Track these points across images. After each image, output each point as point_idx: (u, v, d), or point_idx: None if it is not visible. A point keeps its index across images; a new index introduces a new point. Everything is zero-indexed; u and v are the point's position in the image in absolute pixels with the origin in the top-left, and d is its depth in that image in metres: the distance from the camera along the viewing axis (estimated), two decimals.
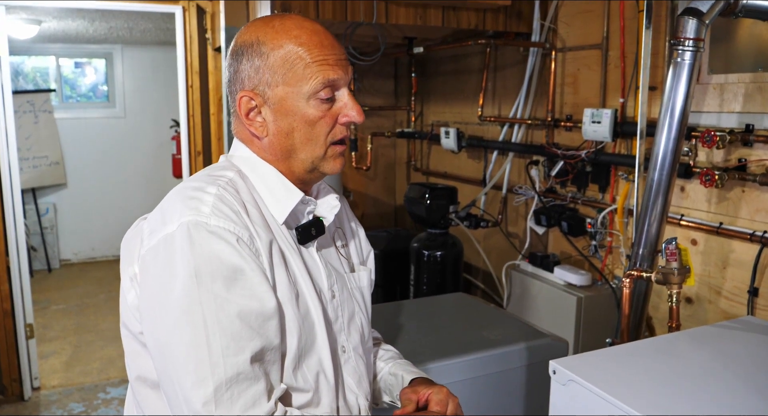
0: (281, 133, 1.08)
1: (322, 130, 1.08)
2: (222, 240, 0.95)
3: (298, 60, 1.04)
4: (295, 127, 1.07)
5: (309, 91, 1.05)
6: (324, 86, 1.05)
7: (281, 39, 1.05)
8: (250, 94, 1.07)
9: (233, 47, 1.10)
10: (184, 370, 0.91)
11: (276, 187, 1.10)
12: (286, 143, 1.08)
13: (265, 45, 1.05)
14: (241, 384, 0.91)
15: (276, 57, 1.05)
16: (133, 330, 1.04)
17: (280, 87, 1.05)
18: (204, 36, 3.74)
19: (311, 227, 1.12)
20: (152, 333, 0.97)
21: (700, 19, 1.89)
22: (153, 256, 0.97)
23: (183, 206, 0.98)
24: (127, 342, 1.07)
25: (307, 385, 1.05)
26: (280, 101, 1.06)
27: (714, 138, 2.02)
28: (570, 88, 2.80)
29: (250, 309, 0.95)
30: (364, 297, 1.26)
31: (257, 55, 1.06)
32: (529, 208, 3.05)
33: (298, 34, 1.05)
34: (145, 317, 0.98)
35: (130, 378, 1.08)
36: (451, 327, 1.83)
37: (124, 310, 1.05)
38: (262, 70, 1.05)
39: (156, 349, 0.96)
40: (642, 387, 1.32)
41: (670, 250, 1.70)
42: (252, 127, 1.09)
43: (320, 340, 1.07)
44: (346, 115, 1.09)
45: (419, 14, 2.61)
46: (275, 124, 1.08)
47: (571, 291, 2.57)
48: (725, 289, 2.20)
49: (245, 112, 1.08)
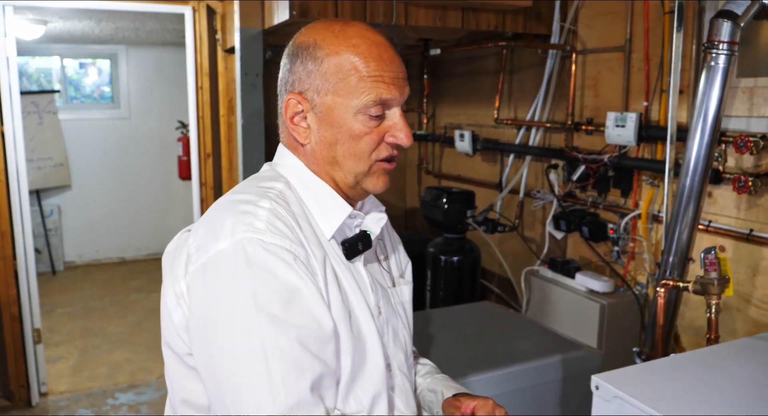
0: (324, 143, 1.03)
1: (366, 147, 1.03)
2: (279, 258, 0.90)
3: (353, 71, 0.99)
4: (339, 138, 1.02)
5: (358, 105, 1.00)
6: (375, 104, 1.00)
7: (339, 45, 1.00)
8: (298, 97, 1.02)
9: (290, 47, 1.05)
10: (243, 398, 0.86)
11: (324, 200, 1.05)
12: (328, 153, 1.04)
13: (321, 49, 1.00)
14: (301, 411, 0.86)
15: (330, 63, 1.00)
16: (179, 351, 0.99)
17: (330, 96, 1.00)
18: (214, 37, 3.68)
19: (358, 242, 1.07)
20: (205, 358, 0.91)
21: (734, 22, 1.85)
22: (203, 275, 0.92)
23: (236, 221, 0.92)
24: (170, 363, 1.02)
25: (361, 408, 1.00)
26: (327, 110, 1.01)
27: (748, 143, 1.97)
28: (590, 91, 2.76)
29: (309, 332, 0.90)
30: (406, 312, 1.22)
31: (311, 58, 1.01)
32: (546, 212, 3.01)
33: (357, 43, 1.00)
34: (196, 339, 0.93)
35: (172, 399, 1.03)
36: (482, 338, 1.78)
37: (168, 330, 1.00)
38: (314, 74, 1.01)
39: (209, 375, 0.91)
40: (691, 404, 1.28)
41: (709, 260, 1.66)
42: (295, 132, 1.04)
43: (372, 361, 1.02)
44: (393, 136, 1.04)
45: (439, 16, 2.56)
46: (319, 132, 1.03)
47: (593, 298, 2.52)
48: (755, 297, 2.16)
49: (291, 115, 1.04)
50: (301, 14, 2.36)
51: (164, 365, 1.05)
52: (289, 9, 2.34)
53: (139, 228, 6.50)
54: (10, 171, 3.38)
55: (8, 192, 3.40)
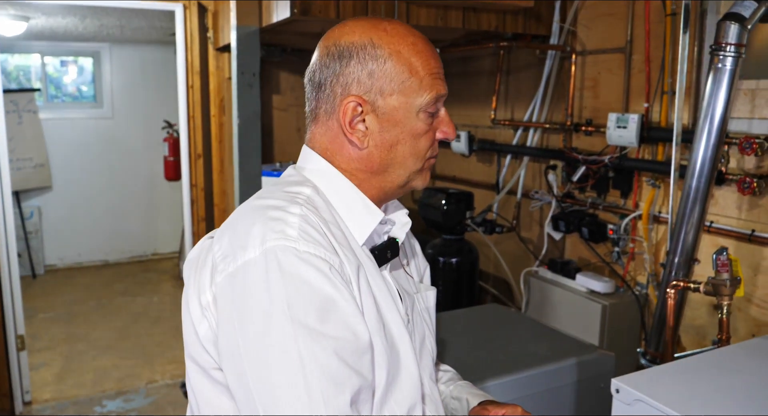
0: (384, 145, 1.00)
1: (424, 145, 1.02)
2: (313, 267, 0.86)
3: (416, 70, 0.98)
4: (401, 139, 1.00)
5: (422, 103, 0.99)
6: (436, 100, 1.00)
7: (398, 44, 0.98)
8: (359, 99, 0.98)
9: (334, 47, 1.00)
10: (280, 413, 0.82)
11: (355, 206, 1.01)
12: (387, 156, 1.01)
13: (382, 48, 0.98)
14: None
15: (393, 63, 0.98)
16: (205, 365, 0.94)
17: (395, 96, 0.98)
18: (205, 35, 3.63)
19: (387, 249, 1.05)
20: (237, 373, 0.87)
21: (742, 24, 1.86)
22: (231, 285, 0.87)
23: (265, 228, 0.88)
24: (195, 377, 0.96)
25: None
26: (391, 111, 0.99)
27: (753, 145, 1.98)
28: (590, 92, 2.76)
29: (347, 343, 0.86)
30: (431, 318, 1.19)
31: (372, 58, 0.97)
32: (544, 213, 3.00)
33: (414, 42, 0.99)
34: (226, 354, 0.88)
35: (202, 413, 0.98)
36: (495, 341, 1.76)
37: (193, 343, 0.95)
38: (377, 75, 0.97)
39: (243, 391, 0.86)
40: (714, 405, 1.27)
41: (721, 261, 1.66)
42: (353, 136, 1.00)
43: (407, 372, 0.98)
44: (443, 132, 1.04)
45: (440, 15, 2.55)
46: (380, 134, 1.00)
47: (594, 299, 2.52)
48: (756, 297, 2.17)
49: (350, 118, 0.99)
50: (303, 12, 2.32)
51: (187, 377, 1.00)
52: (291, 7, 2.30)
53: (123, 230, 6.39)
54: None
55: None
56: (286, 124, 3.93)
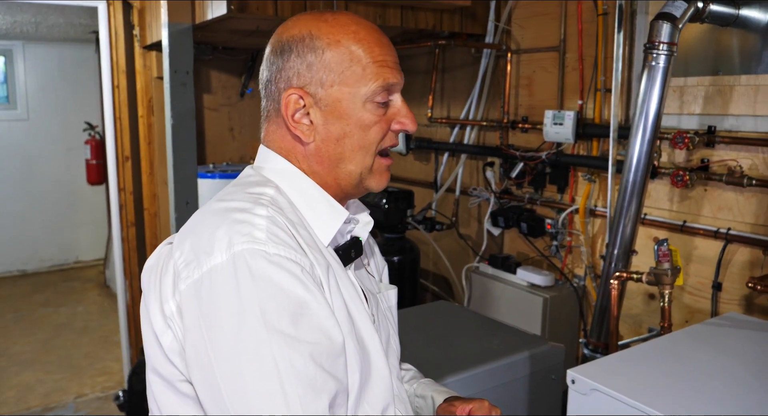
0: (331, 139, 0.97)
1: (375, 137, 0.98)
2: (284, 270, 0.83)
3: (359, 58, 0.94)
4: (348, 132, 0.96)
5: (367, 93, 0.95)
6: (383, 89, 0.96)
7: (338, 34, 0.94)
8: (300, 92, 0.95)
9: (277, 43, 0.98)
10: None
11: (319, 205, 0.98)
12: (334, 150, 0.97)
13: (320, 39, 0.94)
14: None
15: (333, 53, 0.94)
16: (170, 378, 0.89)
17: (336, 86, 0.95)
18: (131, 33, 3.48)
19: (351, 248, 1.02)
20: (208, 384, 0.82)
21: (673, 23, 1.93)
22: (197, 293, 0.83)
23: (231, 232, 0.84)
24: (159, 390, 0.91)
25: None
26: (334, 103, 0.95)
27: (685, 139, 2.07)
28: (525, 90, 2.82)
29: (322, 348, 0.83)
30: (394, 317, 1.18)
31: (310, 50, 0.95)
32: (482, 209, 3.05)
33: (356, 30, 0.95)
34: (195, 365, 0.84)
35: None
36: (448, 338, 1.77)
37: (156, 355, 0.90)
38: (316, 66, 0.94)
39: (215, 403, 0.82)
40: (664, 390, 1.32)
41: (662, 251, 1.72)
42: (297, 130, 0.97)
43: (378, 372, 0.97)
44: (400, 122, 0.99)
45: (379, 14, 2.54)
46: (325, 127, 0.96)
47: (535, 292, 2.58)
48: (689, 285, 2.27)
49: (292, 112, 0.96)
50: (240, 9, 2.26)
51: (149, 392, 0.95)
52: (227, 3, 2.23)
53: (43, 237, 6.07)
54: None
55: None
56: (218, 125, 3.82)
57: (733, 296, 2.15)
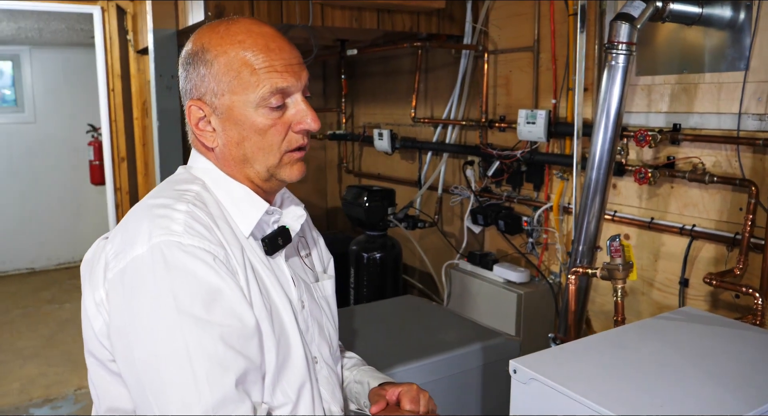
0: (231, 143, 1.04)
1: (274, 139, 1.03)
2: (198, 259, 0.91)
3: (244, 66, 0.99)
4: (245, 136, 1.02)
5: (256, 99, 1.00)
6: (272, 94, 1.00)
7: (225, 45, 1.00)
8: (198, 103, 1.03)
9: (183, 56, 1.05)
10: (169, 399, 0.86)
11: (240, 199, 1.05)
12: (237, 153, 1.04)
13: (209, 52, 1.00)
14: (228, 407, 0.87)
15: (220, 64, 1.00)
16: (101, 358, 0.98)
17: (227, 95, 1.01)
18: (125, 37, 3.58)
19: (278, 237, 1.09)
20: (128, 362, 0.91)
21: (632, 24, 1.97)
22: (121, 280, 0.91)
23: (152, 225, 0.92)
24: (93, 370, 1.00)
25: (287, 400, 1.02)
26: (227, 110, 1.02)
27: (647, 137, 2.11)
28: (503, 90, 2.86)
29: (232, 330, 0.91)
30: (330, 307, 1.24)
31: (202, 62, 1.01)
32: (464, 207, 3.10)
33: (242, 39, 1.00)
34: (118, 345, 0.92)
35: (98, 409, 1.01)
36: (405, 330, 1.83)
37: (90, 338, 0.98)
38: (208, 78, 1.01)
39: (134, 377, 0.90)
40: (602, 382, 1.36)
41: (614, 247, 1.77)
42: (202, 138, 1.05)
43: (296, 353, 1.04)
44: (300, 123, 1.04)
45: (354, 17, 2.60)
46: (225, 133, 1.03)
47: (511, 289, 2.63)
48: (657, 281, 2.31)
49: (195, 121, 1.04)
50: (217, 15, 2.33)
51: (88, 373, 1.03)
52: (204, 9, 2.31)
53: (50, 237, 6.20)
54: None
55: None
56: None
57: (699, 292, 2.18)
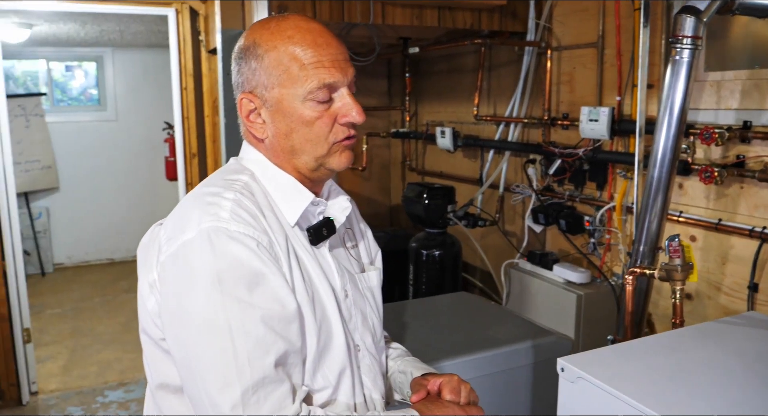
0: (280, 134, 1.08)
1: (321, 131, 1.07)
2: (243, 245, 0.95)
3: (293, 61, 1.03)
4: (293, 127, 1.07)
5: (304, 93, 1.04)
6: (319, 89, 1.04)
7: (275, 40, 1.04)
8: (249, 96, 1.07)
9: (235, 51, 1.10)
10: (211, 376, 0.91)
11: (287, 189, 1.10)
12: (286, 144, 1.08)
13: (261, 47, 1.05)
14: (267, 387, 0.91)
15: (270, 58, 1.04)
16: (154, 336, 1.04)
17: (276, 89, 1.05)
18: (197, 38, 3.73)
19: (322, 228, 1.12)
20: (176, 340, 0.97)
21: (697, 17, 1.91)
22: (173, 263, 0.97)
23: (202, 212, 0.98)
24: (147, 348, 1.07)
25: (327, 383, 1.05)
26: (276, 103, 1.06)
27: (713, 135, 2.03)
28: (566, 87, 2.82)
29: (273, 313, 0.95)
30: (374, 297, 1.27)
31: (254, 57, 1.06)
32: (526, 206, 3.07)
33: (291, 35, 1.04)
34: (167, 324, 0.98)
35: (151, 386, 1.08)
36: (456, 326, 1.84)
37: (144, 317, 1.05)
38: (259, 72, 1.05)
39: (180, 355, 0.96)
40: (650, 384, 1.33)
41: (673, 247, 1.72)
42: (253, 129, 1.10)
43: (338, 339, 1.07)
44: (345, 116, 1.07)
45: (415, 15, 2.62)
46: (274, 125, 1.08)
47: (570, 289, 2.58)
48: (725, 285, 2.22)
49: (245, 113, 1.09)
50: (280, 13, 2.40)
51: (143, 351, 1.09)
52: (268, 9, 2.38)
53: (128, 229, 6.51)
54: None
55: None
56: None
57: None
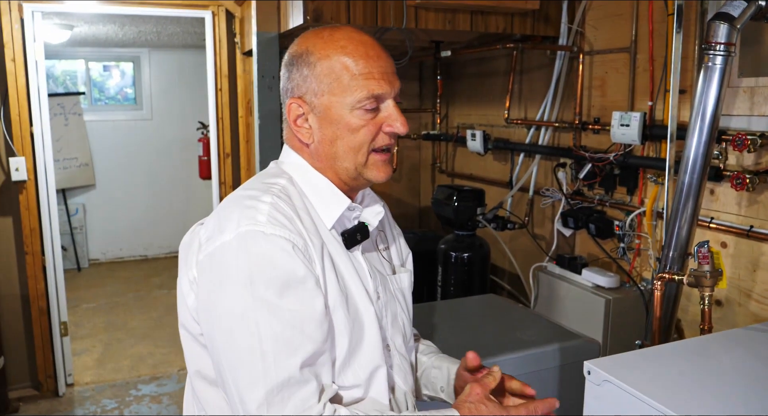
0: (326, 141, 1.12)
1: (364, 138, 1.11)
2: (278, 247, 0.99)
3: (344, 71, 1.08)
4: (339, 135, 1.11)
5: (352, 102, 1.08)
6: (368, 99, 1.09)
7: (328, 49, 1.09)
8: (298, 101, 1.12)
9: (286, 57, 1.15)
10: (239, 373, 0.96)
11: (324, 194, 1.14)
12: (330, 150, 1.12)
13: (313, 55, 1.10)
14: (292, 387, 0.95)
15: (322, 67, 1.09)
16: (193, 331, 1.09)
17: (326, 96, 1.09)
18: (233, 40, 3.80)
19: (357, 232, 1.16)
20: (211, 337, 1.02)
21: (731, 24, 1.91)
22: (209, 262, 1.01)
23: (240, 215, 1.02)
24: (186, 342, 1.12)
25: (357, 381, 1.09)
26: (325, 110, 1.10)
27: (745, 141, 2.03)
28: (598, 91, 2.82)
29: (302, 315, 0.99)
30: (405, 298, 1.30)
31: (305, 64, 1.10)
32: (555, 210, 3.07)
33: (344, 45, 1.09)
34: (203, 320, 1.03)
35: (190, 372, 1.13)
36: (484, 327, 1.86)
37: (183, 312, 1.10)
38: (310, 79, 1.10)
39: (214, 351, 1.01)
40: (676, 388, 1.34)
41: (702, 253, 1.72)
42: (299, 134, 1.14)
43: (370, 340, 1.11)
44: (390, 126, 1.12)
45: (448, 19, 2.65)
46: (320, 131, 1.12)
47: (599, 293, 2.58)
48: (755, 292, 2.21)
49: (293, 118, 1.13)
50: (315, 19, 2.45)
51: (182, 343, 1.15)
52: (303, 14, 2.44)
53: (161, 226, 6.66)
54: (38, 170, 3.53)
55: (37, 190, 3.55)
56: None
57: None
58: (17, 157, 3.47)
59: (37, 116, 3.49)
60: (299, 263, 1.00)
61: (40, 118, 3.50)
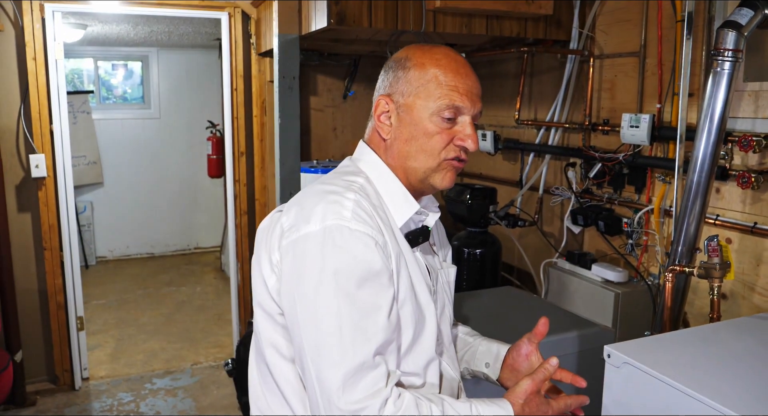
0: (402, 139, 1.22)
1: (437, 145, 1.20)
2: (361, 242, 1.08)
3: (433, 79, 1.18)
4: (415, 135, 1.20)
5: (434, 108, 1.18)
6: (448, 108, 1.18)
7: (425, 59, 1.20)
8: (386, 98, 1.23)
9: (388, 62, 1.26)
10: (320, 355, 1.05)
11: (397, 196, 1.23)
12: (404, 149, 1.22)
13: (411, 61, 1.21)
14: (365, 371, 1.04)
15: (416, 72, 1.20)
16: (270, 311, 1.17)
17: (411, 97, 1.20)
18: (248, 41, 3.89)
19: (420, 235, 1.26)
20: (293, 320, 1.10)
21: (739, 31, 2.02)
22: (293, 249, 1.10)
23: (326, 209, 1.10)
24: (261, 321, 1.20)
25: (417, 369, 1.19)
26: (408, 110, 1.20)
27: (751, 142, 2.14)
28: (607, 94, 2.93)
29: (378, 306, 1.08)
30: (451, 290, 1.42)
31: (401, 67, 1.21)
32: (565, 208, 3.18)
33: (439, 59, 1.20)
34: (286, 303, 1.12)
35: (260, 343, 1.21)
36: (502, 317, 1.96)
37: (262, 292, 1.18)
38: (402, 81, 1.21)
39: (296, 333, 1.10)
40: (692, 369, 1.44)
41: (712, 247, 1.83)
42: (380, 129, 1.24)
43: (429, 330, 1.21)
44: (461, 140, 1.20)
45: (465, 23, 2.75)
46: (399, 129, 1.22)
47: (608, 288, 2.69)
48: (759, 286, 2.32)
49: (379, 113, 1.23)
50: (338, 22, 2.55)
51: (255, 321, 1.24)
52: (327, 17, 2.53)
53: (168, 225, 6.73)
54: (57, 167, 3.62)
55: (56, 187, 3.64)
56: (322, 124, 4.19)
57: None
58: (37, 154, 3.55)
59: (56, 114, 3.57)
60: (378, 258, 1.09)
61: (59, 116, 3.59)
